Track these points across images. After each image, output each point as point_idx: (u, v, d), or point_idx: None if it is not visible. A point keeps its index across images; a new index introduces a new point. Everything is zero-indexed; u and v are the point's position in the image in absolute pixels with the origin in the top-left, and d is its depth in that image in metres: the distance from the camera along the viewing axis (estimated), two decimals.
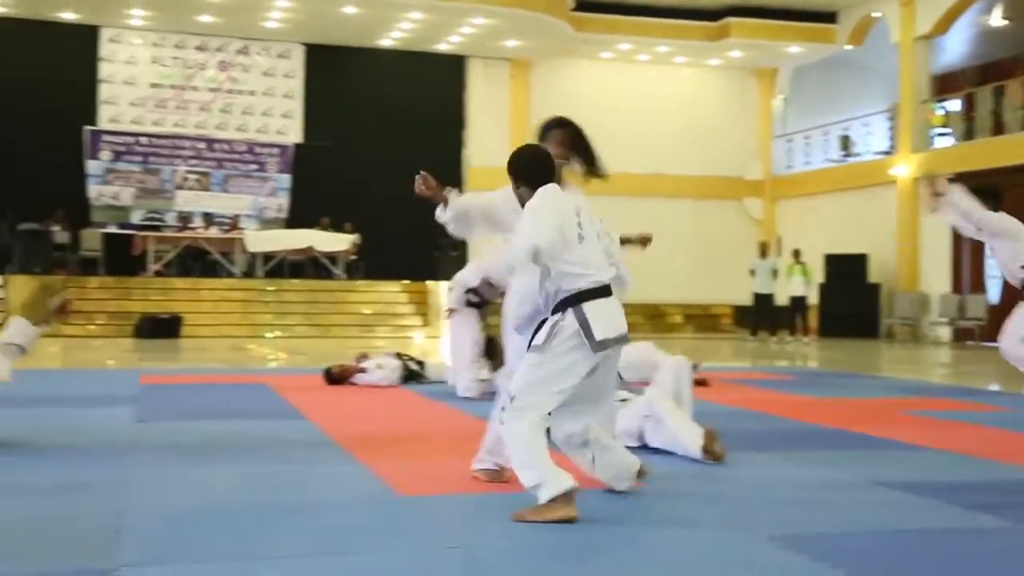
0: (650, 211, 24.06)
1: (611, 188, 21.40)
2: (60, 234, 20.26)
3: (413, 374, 9.85)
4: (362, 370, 9.60)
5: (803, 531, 4.07)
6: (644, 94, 24.67)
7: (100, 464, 5.33)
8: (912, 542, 3.96)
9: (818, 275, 21.07)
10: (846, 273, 21.48)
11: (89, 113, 21.59)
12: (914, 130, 21.14)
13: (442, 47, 22.95)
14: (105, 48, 21.75)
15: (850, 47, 23.14)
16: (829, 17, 23.11)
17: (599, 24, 22.55)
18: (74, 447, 5.94)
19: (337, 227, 21.10)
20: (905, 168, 20.96)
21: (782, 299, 19.96)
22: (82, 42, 21.44)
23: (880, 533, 4.07)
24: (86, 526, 3.98)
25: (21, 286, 18.47)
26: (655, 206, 24.10)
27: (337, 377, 9.53)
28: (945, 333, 20.09)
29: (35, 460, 5.44)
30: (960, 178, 12.62)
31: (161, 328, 17.78)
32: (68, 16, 20.93)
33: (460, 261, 20.93)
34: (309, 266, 21.26)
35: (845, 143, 23.65)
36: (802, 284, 19.71)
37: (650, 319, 22.45)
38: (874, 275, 21.50)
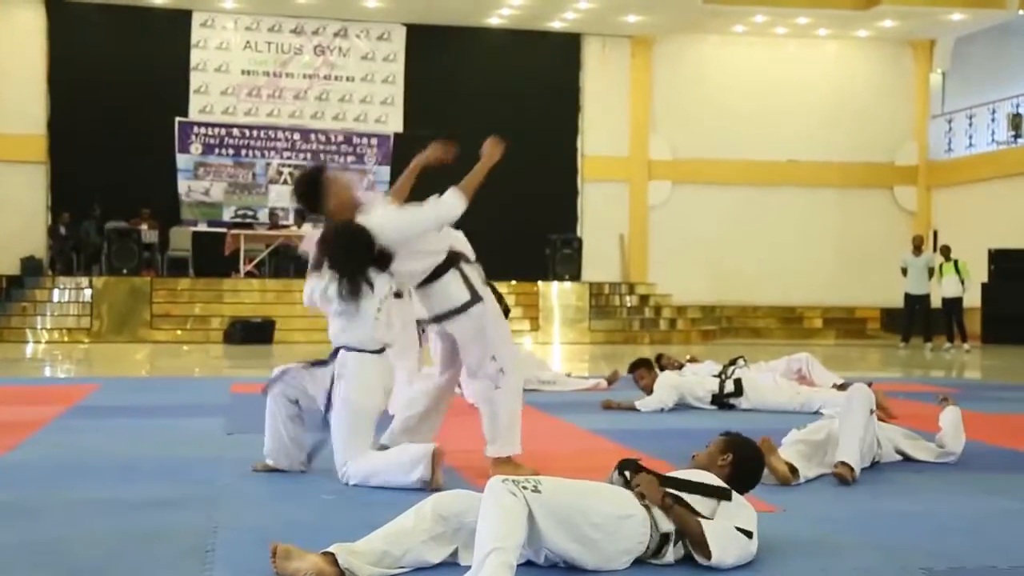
0: (786, 202, 23.84)
1: (748, 177, 21.44)
2: (148, 233, 20.89)
3: None
4: None
5: (965, 563, 3.99)
6: (781, 72, 24.30)
7: (192, 478, 5.53)
8: None
9: (978, 273, 20.48)
10: (1013, 271, 20.83)
11: (179, 104, 22.22)
12: None
13: (555, 25, 22.99)
14: (196, 34, 22.34)
15: (1022, 12, 22.38)
16: None
17: None
18: (166, 460, 6.18)
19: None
20: None
21: (939, 301, 19.48)
22: (173, 28, 22.07)
23: None
24: (179, 543, 4.14)
25: (110, 288, 19.15)
26: (792, 196, 23.83)
27: None
28: None
29: (128, 473, 5.67)
30: None
31: (252, 333, 18.17)
32: (158, 0, 21.60)
33: (574, 259, 21.04)
34: None
35: (1016, 122, 22.86)
36: (956, 284, 19.16)
37: (784, 323, 22.18)
38: None
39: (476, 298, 5.68)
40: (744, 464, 4.27)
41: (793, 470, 5.51)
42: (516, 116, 22.39)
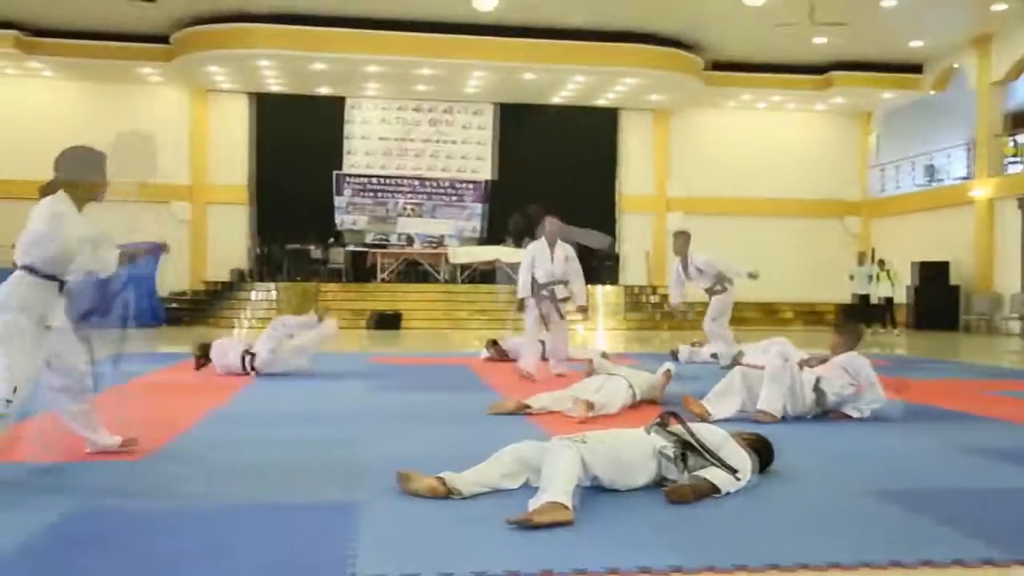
0: (768, 226, 23.55)
1: (740, 209, 21.05)
2: (315, 251, 21.26)
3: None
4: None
5: (895, 487, 3.95)
6: (762, 133, 23.99)
7: (347, 423, 5.66)
8: (1001, 500, 3.77)
9: (905, 279, 20.12)
10: (932, 277, 20.33)
11: (336, 161, 22.61)
12: (989, 159, 19.86)
13: (600, 102, 22.92)
14: (348, 113, 22.69)
15: (934, 92, 21.88)
16: (916, 68, 21.91)
17: (726, 80, 22.08)
18: (329, 409, 6.32)
19: (518, 244, 21.37)
20: (981, 191, 19.74)
21: (875, 299, 19.21)
22: (332, 109, 22.44)
23: (970, 491, 3.90)
24: (339, 469, 4.27)
25: (289, 290, 19.55)
26: (774, 223, 23.56)
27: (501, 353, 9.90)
28: (1016, 326, 18.76)
29: (302, 420, 5.82)
30: None
31: (386, 322, 18.36)
32: (323, 90, 21.97)
33: (614, 269, 20.98)
34: (498, 274, 21.61)
35: (930, 171, 22.33)
36: (888, 287, 18.99)
37: (766, 315, 21.87)
38: (955, 279, 20.29)
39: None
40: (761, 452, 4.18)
41: (707, 412, 5.60)
42: (572, 166, 22.38)
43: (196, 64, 19.75)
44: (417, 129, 23.03)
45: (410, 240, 22.22)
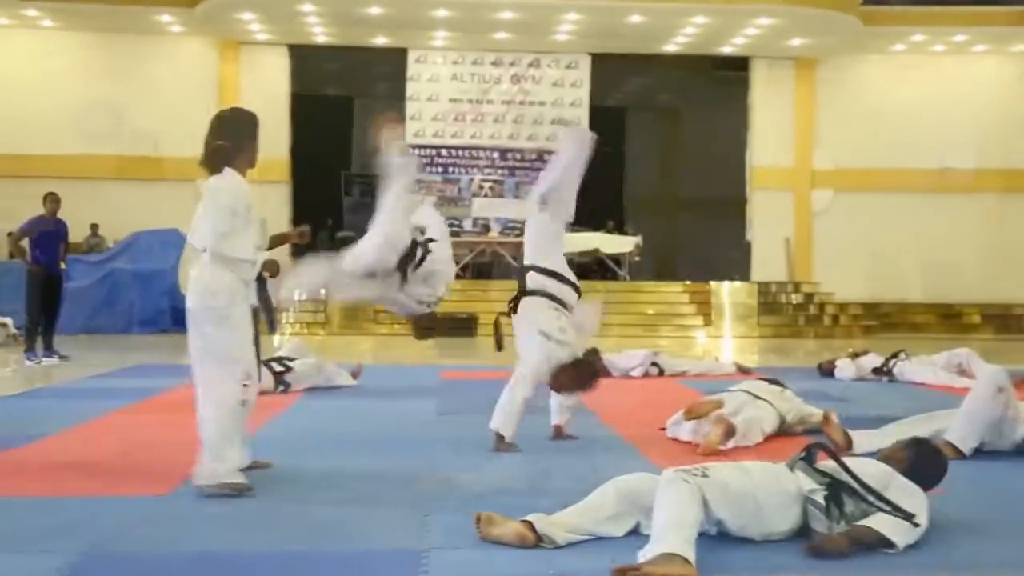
0: (942, 206, 22.89)
1: (907, 184, 20.56)
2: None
3: None
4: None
5: None
6: (939, 87, 23.28)
7: (410, 452, 5.70)
8: None
9: None
10: None
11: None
12: None
13: (725, 49, 22.63)
14: (412, 68, 22.93)
15: None
16: None
17: (890, 17, 21.55)
18: (388, 436, 6.39)
19: (620, 230, 21.30)
20: None
21: None
22: (391, 64, 22.72)
23: None
24: (399, 510, 4.29)
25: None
26: (953, 202, 22.87)
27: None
28: None
29: (356, 447, 5.90)
30: None
31: (458, 327, 18.47)
32: (380, 40, 22.26)
33: (743, 261, 20.72)
34: (595, 268, 21.55)
35: None
36: None
37: (943, 319, 21.27)
38: None
39: None
40: (923, 467, 4.12)
41: (850, 441, 5.63)
42: (687, 132, 22.16)
43: (226, 10, 20.24)
44: (496, 88, 23.12)
45: (487, 227, 22.35)
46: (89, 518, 4.09)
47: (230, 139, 4.85)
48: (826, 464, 3.89)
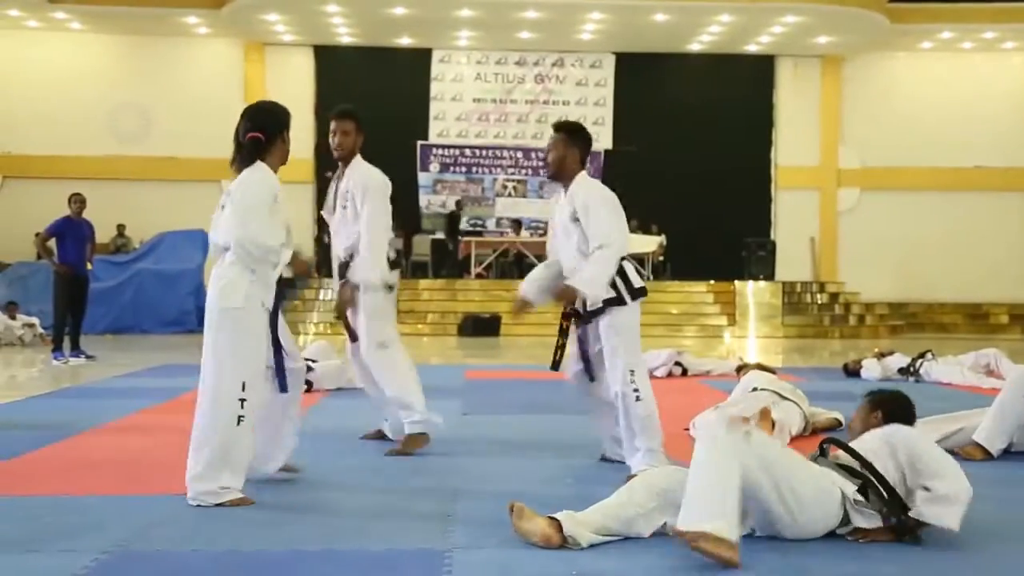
0: (972, 205, 22.71)
1: (935, 183, 20.39)
2: (395, 240, 21.47)
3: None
4: None
5: None
6: (967, 83, 23.11)
7: (434, 452, 5.69)
8: None
9: None
10: None
11: (421, 129, 22.94)
12: None
13: (751, 48, 22.54)
14: (435, 68, 22.99)
15: None
16: None
17: (918, 14, 21.41)
18: None
19: (644, 229, 21.21)
20: None
21: None
22: (416, 65, 22.77)
23: None
24: (422, 509, 4.28)
25: None
26: (977, 200, 22.68)
27: None
28: None
29: (381, 448, 5.87)
30: None
31: (482, 327, 18.49)
32: (404, 41, 22.32)
33: (768, 261, 20.59)
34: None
35: None
36: None
37: (970, 319, 21.09)
38: None
39: None
40: (895, 413, 4.15)
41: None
42: (714, 132, 22.08)
43: (251, 11, 20.36)
44: (520, 88, 23.14)
45: (518, 223, 22.31)
46: (113, 517, 4.10)
47: (264, 131, 4.74)
48: (841, 456, 3.83)
